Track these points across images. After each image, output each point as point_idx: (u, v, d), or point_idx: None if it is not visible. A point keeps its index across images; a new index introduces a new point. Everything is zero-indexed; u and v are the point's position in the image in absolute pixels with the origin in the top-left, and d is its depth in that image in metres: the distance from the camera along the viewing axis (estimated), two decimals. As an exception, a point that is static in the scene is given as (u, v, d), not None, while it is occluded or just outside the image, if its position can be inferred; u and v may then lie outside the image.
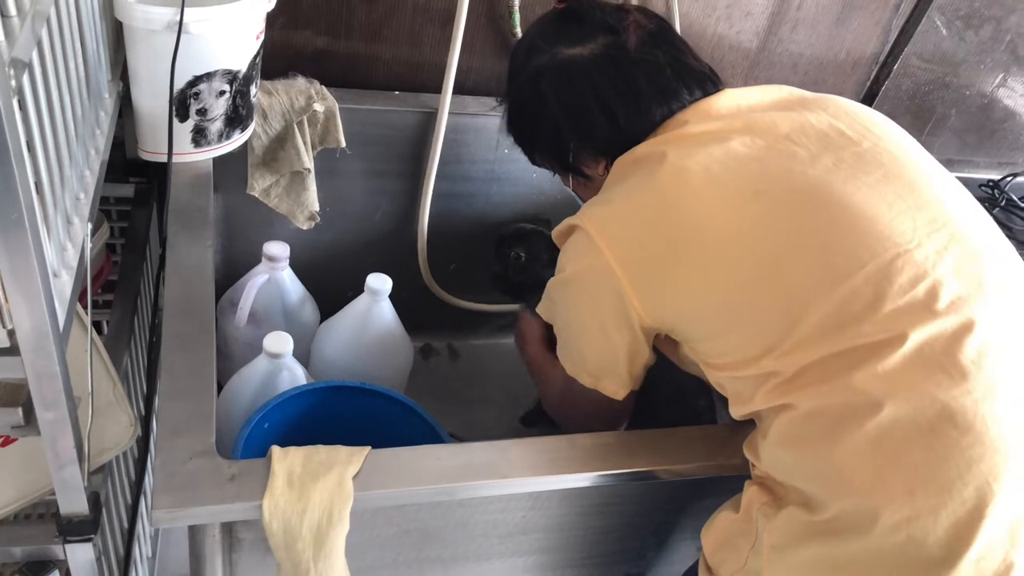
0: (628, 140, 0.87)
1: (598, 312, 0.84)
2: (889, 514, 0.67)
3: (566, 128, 0.92)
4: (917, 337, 0.70)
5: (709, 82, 0.91)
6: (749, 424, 0.81)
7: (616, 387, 0.88)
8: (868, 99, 1.57)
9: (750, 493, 0.79)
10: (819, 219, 0.76)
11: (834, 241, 0.75)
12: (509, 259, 1.22)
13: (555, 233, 0.89)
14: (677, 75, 0.88)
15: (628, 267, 0.80)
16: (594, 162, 0.92)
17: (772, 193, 0.78)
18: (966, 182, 0.85)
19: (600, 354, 0.87)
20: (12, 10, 0.55)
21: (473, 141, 1.34)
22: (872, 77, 1.56)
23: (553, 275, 0.89)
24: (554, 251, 0.91)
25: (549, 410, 1.04)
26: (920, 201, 0.77)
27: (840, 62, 1.52)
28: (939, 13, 1.48)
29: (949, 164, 0.88)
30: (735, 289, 0.77)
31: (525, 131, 0.99)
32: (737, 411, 0.80)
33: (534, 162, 1.01)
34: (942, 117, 1.64)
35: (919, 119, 1.63)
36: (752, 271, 0.76)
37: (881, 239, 0.74)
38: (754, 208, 0.77)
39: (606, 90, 0.88)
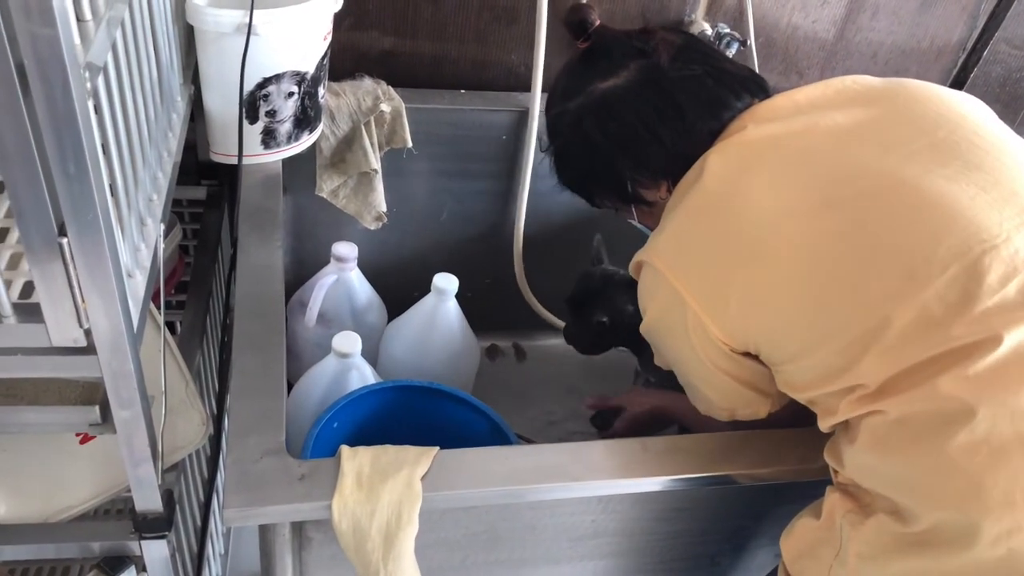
0: (683, 158, 0.84)
1: (691, 346, 0.80)
2: (989, 526, 0.63)
3: (619, 161, 0.90)
4: (1013, 339, 0.65)
5: (755, 84, 0.88)
6: None
7: (753, 410, 0.84)
8: (954, 88, 1.50)
9: (832, 500, 0.76)
10: (894, 222, 0.71)
11: (912, 244, 0.70)
12: (625, 312, 1.10)
13: (630, 268, 0.88)
14: (719, 83, 0.86)
15: (698, 294, 0.78)
16: (655, 186, 0.90)
17: (840, 198, 0.73)
18: (1063, 174, 0.80)
19: (717, 386, 0.83)
20: (88, 14, 0.55)
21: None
22: (959, 65, 1.49)
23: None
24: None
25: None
26: (1006, 192, 0.72)
27: (924, 50, 1.46)
28: (1031, -5, 1.41)
29: (1044, 155, 0.82)
30: (811, 305, 0.73)
31: (578, 176, 0.97)
32: (825, 423, 0.76)
33: (594, 204, 0.99)
34: (1034, 105, 1.56)
35: (1010, 108, 1.55)
36: (827, 284, 0.72)
37: (964, 237, 0.69)
38: (822, 217, 0.73)
39: (648, 113, 0.86)
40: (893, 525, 0.69)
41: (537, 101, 1.28)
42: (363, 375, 1.02)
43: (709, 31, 1.33)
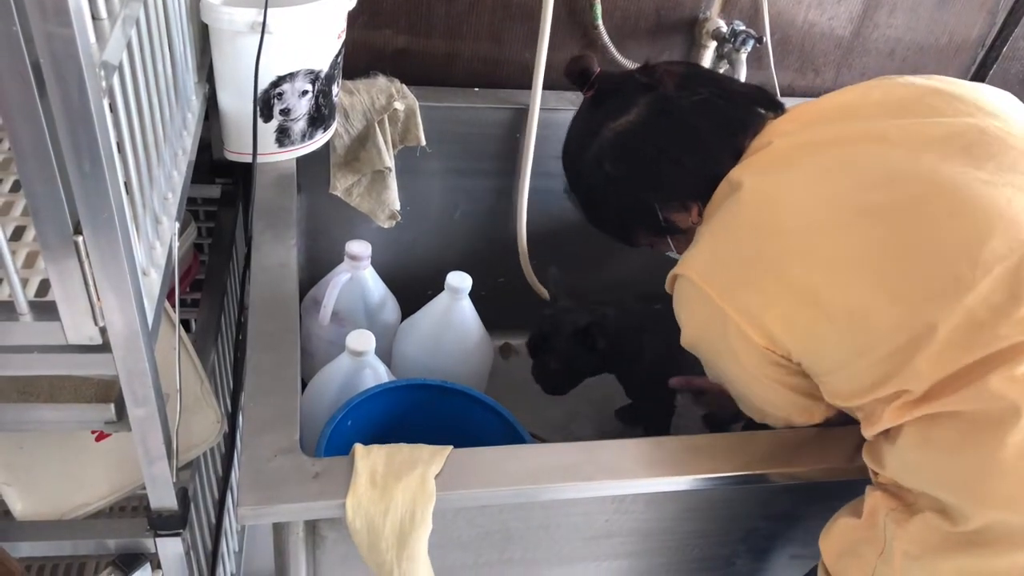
0: (708, 179, 0.85)
1: (735, 357, 0.80)
2: None
3: (646, 194, 0.91)
4: None
5: (764, 99, 0.89)
6: (856, 426, 0.77)
7: (807, 416, 0.84)
8: (973, 85, 1.49)
9: (874, 498, 0.75)
10: (933, 227, 0.71)
11: (953, 249, 0.69)
12: (574, 358, 1.13)
13: (666, 283, 0.88)
14: (728, 102, 0.87)
15: (736, 303, 0.77)
16: (686, 211, 0.90)
17: (876, 205, 0.73)
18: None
19: (767, 395, 0.83)
20: (103, 13, 0.56)
21: (554, 136, 1.31)
22: (978, 62, 1.47)
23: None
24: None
25: None
26: None
27: (942, 47, 1.44)
28: (1051, -9, 1.39)
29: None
30: (851, 316, 0.72)
31: (610, 219, 0.98)
32: (869, 431, 0.75)
33: (632, 244, 0.99)
34: (1055, 103, 1.54)
35: (1029, 105, 1.53)
36: (867, 295, 0.71)
37: (1006, 239, 0.68)
38: (858, 226, 0.73)
39: (665, 141, 0.88)
40: (941, 524, 0.68)
41: (538, 97, 1.27)
42: (377, 373, 1.02)
43: (724, 28, 1.32)
